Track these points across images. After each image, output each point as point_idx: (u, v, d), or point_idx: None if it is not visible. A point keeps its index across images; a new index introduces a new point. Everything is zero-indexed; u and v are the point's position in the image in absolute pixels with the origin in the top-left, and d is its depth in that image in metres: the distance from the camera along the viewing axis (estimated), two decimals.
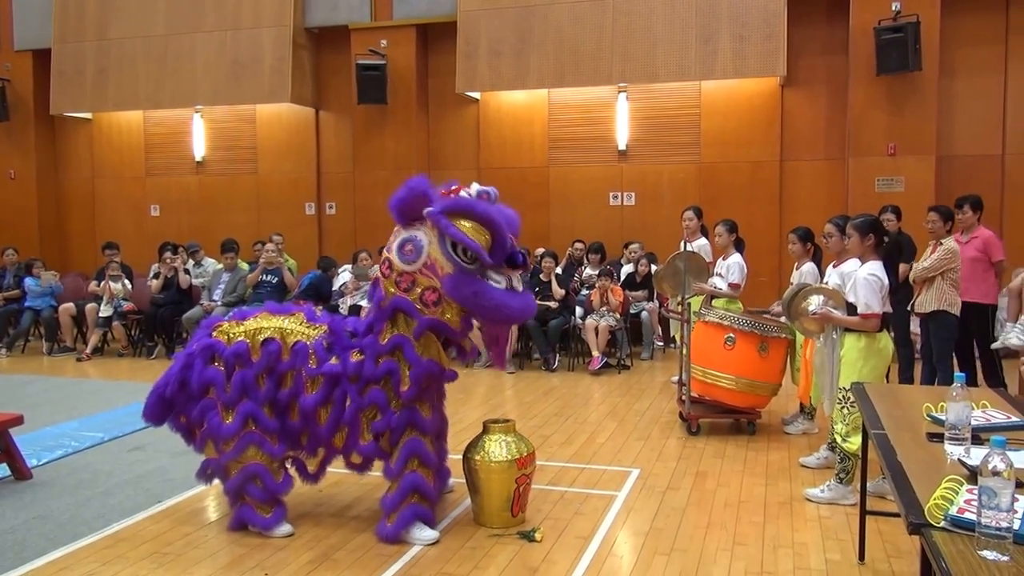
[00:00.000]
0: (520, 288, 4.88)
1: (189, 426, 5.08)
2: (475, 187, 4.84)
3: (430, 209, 4.66)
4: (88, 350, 11.35)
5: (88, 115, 15.00)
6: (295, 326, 4.98)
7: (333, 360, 4.82)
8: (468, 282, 4.65)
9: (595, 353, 9.98)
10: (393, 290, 4.74)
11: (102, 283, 11.65)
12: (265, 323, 4.99)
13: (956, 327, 7.43)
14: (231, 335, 4.96)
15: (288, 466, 5.11)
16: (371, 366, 4.74)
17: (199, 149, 14.58)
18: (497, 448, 4.98)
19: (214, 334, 5.02)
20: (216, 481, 5.19)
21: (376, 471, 5.10)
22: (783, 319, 6.74)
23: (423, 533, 4.80)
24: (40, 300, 11.96)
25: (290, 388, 4.84)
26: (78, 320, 11.95)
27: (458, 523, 5.13)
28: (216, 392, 4.88)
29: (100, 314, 11.46)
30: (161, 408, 5.11)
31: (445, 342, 4.93)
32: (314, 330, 4.96)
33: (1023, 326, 7.77)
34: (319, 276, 11.31)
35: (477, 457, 4.99)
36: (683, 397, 7.40)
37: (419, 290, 4.69)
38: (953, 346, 7.52)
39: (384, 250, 4.88)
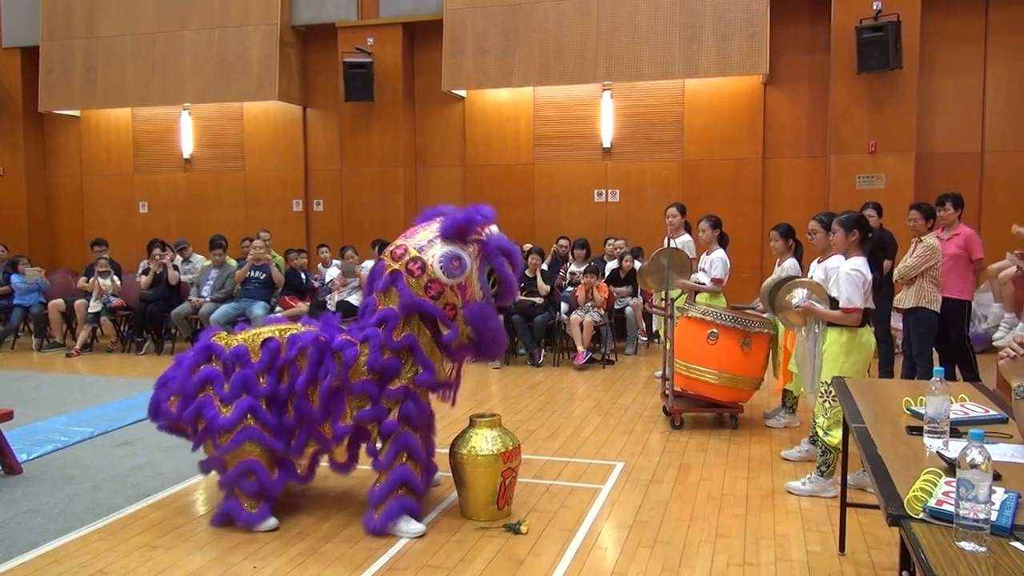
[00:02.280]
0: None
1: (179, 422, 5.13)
2: (494, 228, 5.09)
3: (491, 239, 4.99)
4: (77, 346, 11.36)
5: (76, 112, 14.98)
6: (292, 327, 5.13)
7: (321, 339, 4.93)
8: (487, 310, 5.02)
9: (580, 348, 10.05)
10: (421, 292, 4.82)
11: (91, 279, 11.66)
12: (265, 329, 5.13)
13: (936, 323, 7.52)
14: (229, 342, 5.07)
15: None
16: (377, 356, 4.80)
17: (187, 146, 14.60)
18: (483, 442, 5.04)
19: (213, 338, 5.12)
20: (206, 475, 5.24)
21: (363, 464, 5.17)
22: (766, 315, 6.83)
23: (410, 526, 4.86)
24: (28, 297, 11.95)
25: (288, 382, 4.92)
26: (67, 316, 11.95)
27: (445, 516, 5.19)
28: (214, 389, 4.94)
29: (89, 310, 11.46)
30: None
31: None
32: (311, 328, 5.09)
33: (1008, 322, 7.91)
34: (287, 271, 11.44)
35: (463, 451, 5.05)
36: (666, 392, 7.47)
37: (443, 303, 4.84)
38: (933, 342, 7.63)
39: (405, 247, 4.93)
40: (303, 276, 11.39)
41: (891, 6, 10.61)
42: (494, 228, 5.09)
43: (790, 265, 7.16)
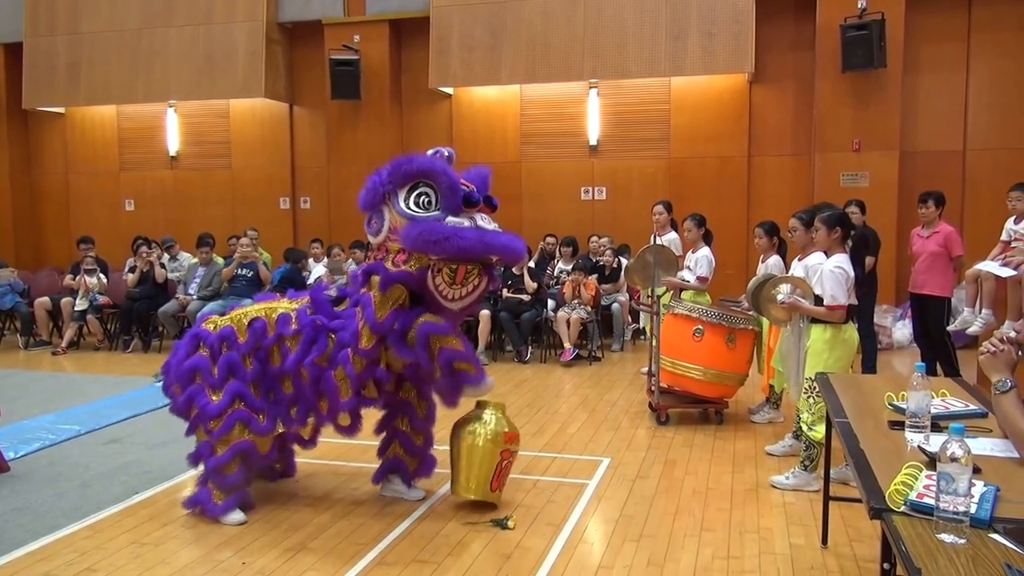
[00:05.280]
0: (489, 227, 4.95)
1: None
2: (430, 152, 4.98)
3: (376, 180, 4.85)
4: (64, 344, 11.32)
5: (61, 109, 14.90)
6: (279, 304, 5.16)
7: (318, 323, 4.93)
8: (416, 225, 4.68)
9: (567, 345, 10.09)
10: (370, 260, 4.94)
11: (77, 277, 11.63)
12: (252, 308, 5.16)
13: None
14: (218, 324, 5.12)
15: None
16: (345, 333, 4.84)
17: (173, 144, 14.54)
18: (490, 419, 5.13)
19: (203, 325, 5.18)
20: (196, 468, 5.25)
21: (357, 461, 5.20)
22: (751, 313, 6.88)
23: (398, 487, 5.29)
24: (4, 300, 11.89)
25: (278, 362, 4.93)
26: (53, 314, 11.89)
27: (433, 512, 5.21)
28: (202, 377, 4.98)
29: (75, 308, 11.42)
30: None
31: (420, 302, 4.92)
32: (297, 303, 5.11)
33: (984, 318, 7.95)
34: (290, 268, 11.41)
35: (469, 427, 5.11)
36: (652, 388, 7.51)
37: (391, 256, 4.82)
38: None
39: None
40: (303, 276, 11.40)
41: (875, 4, 10.67)
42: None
43: (774, 262, 7.21)
